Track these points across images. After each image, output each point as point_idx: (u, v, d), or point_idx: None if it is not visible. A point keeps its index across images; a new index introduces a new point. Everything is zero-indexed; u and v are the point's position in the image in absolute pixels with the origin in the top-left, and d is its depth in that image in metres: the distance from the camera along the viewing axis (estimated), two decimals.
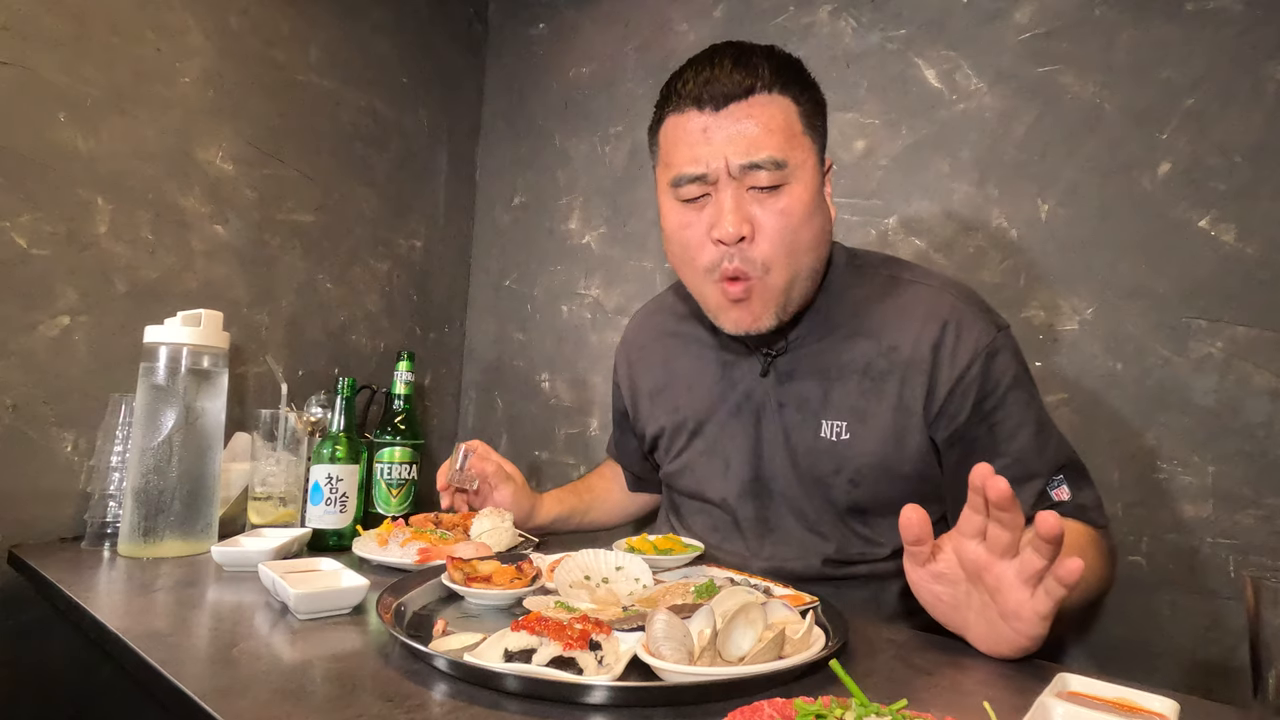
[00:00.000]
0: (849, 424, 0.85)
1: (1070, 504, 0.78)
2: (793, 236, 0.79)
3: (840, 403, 0.85)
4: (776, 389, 0.90)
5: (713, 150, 0.78)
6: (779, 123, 0.78)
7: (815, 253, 0.83)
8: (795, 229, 0.79)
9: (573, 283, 1.63)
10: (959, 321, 0.82)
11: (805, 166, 0.80)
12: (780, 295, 0.82)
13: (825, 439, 0.85)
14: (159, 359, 1.00)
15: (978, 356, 0.80)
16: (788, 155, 0.78)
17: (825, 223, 0.84)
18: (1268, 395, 0.88)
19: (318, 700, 0.53)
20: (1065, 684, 0.54)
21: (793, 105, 0.80)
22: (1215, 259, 0.92)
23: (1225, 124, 0.92)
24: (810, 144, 0.82)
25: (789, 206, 0.79)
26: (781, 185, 0.79)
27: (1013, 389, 0.81)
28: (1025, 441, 0.79)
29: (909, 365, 0.82)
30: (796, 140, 0.80)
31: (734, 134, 0.78)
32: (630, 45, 1.56)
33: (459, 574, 0.77)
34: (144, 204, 1.22)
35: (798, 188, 0.79)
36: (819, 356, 0.88)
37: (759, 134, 0.77)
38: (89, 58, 1.15)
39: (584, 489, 1.20)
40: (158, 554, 0.96)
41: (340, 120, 1.52)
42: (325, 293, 1.50)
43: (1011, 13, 1.09)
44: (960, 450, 0.81)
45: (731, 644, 0.58)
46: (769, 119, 0.78)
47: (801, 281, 0.83)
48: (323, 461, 1.06)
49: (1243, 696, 0.86)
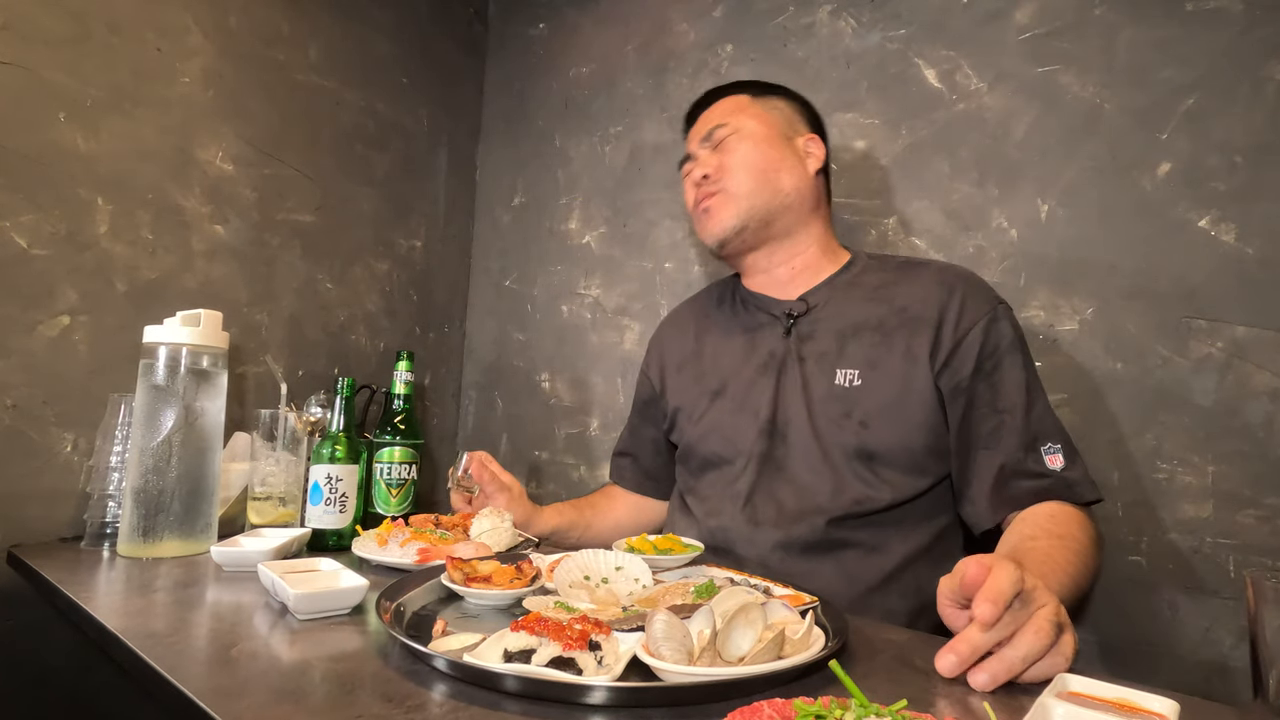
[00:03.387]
0: (861, 371, 0.93)
1: (1060, 474, 0.84)
2: (743, 158, 1.01)
3: (854, 354, 0.95)
4: (798, 346, 1.00)
5: (692, 140, 1.10)
6: (729, 106, 1.07)
7: (769, 173, 1.01)
8: (744, 154, 1.01)
9: (573, 283, 1.63)
10: (965, 290, 0.93)
11: (751, 124, 1.03)
12: (738, 199, 1.01)
13: (839, 385, 0.94)
14: (159, 359, 1.00)
15: (980, 319, 0.90)
16: (731, 119, 1.04)
17: (783, 156, 1.02)
18: (1268, 395, 0.88)
19: (317, 700, 0.53)
20: (1065, 684, 0.54)
21: (746, 97, 1.07)
22: (1215, 259, 0.92)
23: (1225, 124, 0.92)
24: (763, 114, 1.04)
25: (735, 143, 1.03)
26: (727, 138, 1.03)
27: (1010, 353, 0.89)
28: (1020, 400, 0.87)
29: (918, 320, 0.92)
30: (744, 111, 1.05)
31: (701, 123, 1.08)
32: (630, 45, 1.56)
33: (459, 574, 0.77)
34: (144, 204, 1.22)
35: (744, 132, 1.03)
36: (836, 317, 0.99)
37: (714, 115, 1.07)
38: (89, 58, 1.15)
39: (585, 505, 1.20)
40: (157, 554, 0.96)
41: (340, 120, 1.52)
42: (325, 293, 1.50)
43: (1011, 13, 1.09)
44: (963, 403, 0.89)
45: (731, 644, 0.58)
46: (723, 106, 1.07)
47: (760, 191, 1.00)
48: (322, 461, 1.06)
49: (1243, 696, 0.86)
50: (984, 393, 0.88)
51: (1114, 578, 0.95)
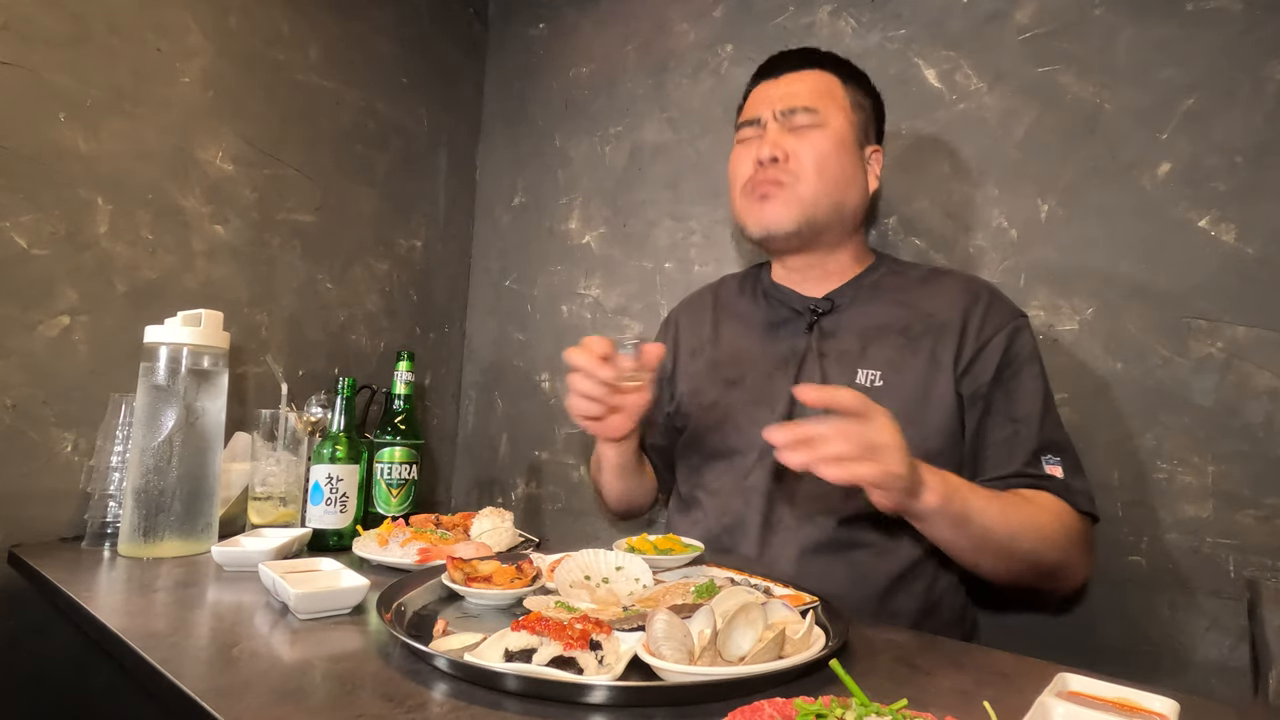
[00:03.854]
0: (883, 373, 0.92)
1: (1060, 481, 0.84)
2: (820, 160, 0.94)
3: (877, 355, 0.94)
4: (820, 343, 0.98)
5: (766, 103, 0.98)
6: (822, 88, 0.97)
7: (840, 186, 0.95)
8: (824, 155, 0.94)
9: (573, 283, 1.63)
10: (989, 300, 0.93)
11: (839, 120, 0.96)
12: (804, 204, 0.94)
13: (860, 385, 0.92)
14: (159, 359, 1.00)
15: (1003, 328, 0.90)
16: (821, 107, 0.95)
17: (855, 171, 0.97)
18: (1268, 395, 0.88)
19: (318, 700, 0.53)
20: (1065, 684, 0.54)
21: (838, 82, 0.98)
22: (1215, 259, 0.92)
23: (1225, 124, 0.92)
24: (849, 111, 0.97)
25: (818, 139, 0.95)
26: (815, 126, 0.95)
27: (1029, 364, 0.90)
28: (1033, 411, 0.87)
29: (943, 327, 0.92)
30: (835, 102, 0.97)
31: (784, 92, 0.97)
32: (630, 45, 1.56)
33: (459, 574, 0.77)
34: (144, 204, 1.22)
35: (829, 130, 0.95)
36: (860, 318, 0.98)
37: (802, 90, 0.97)
38: (89, 58, 1.15)
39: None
40: (158, 554, 0.96)
41: (340, 120, 1.52)
42: (325, 293, 1.50)
43: (1011, 13, 1.09)
44: (980, 410, 0.90)
45: (731, 644, 0.58)
46: (814, 83, 0.97)
47: (825, 203, 0.95)
48: (323, 461, 1.07)
49: (1243, 696, 0.86)
50: (1000, 400, 0.88)
51: (1114, 578, 0.95)
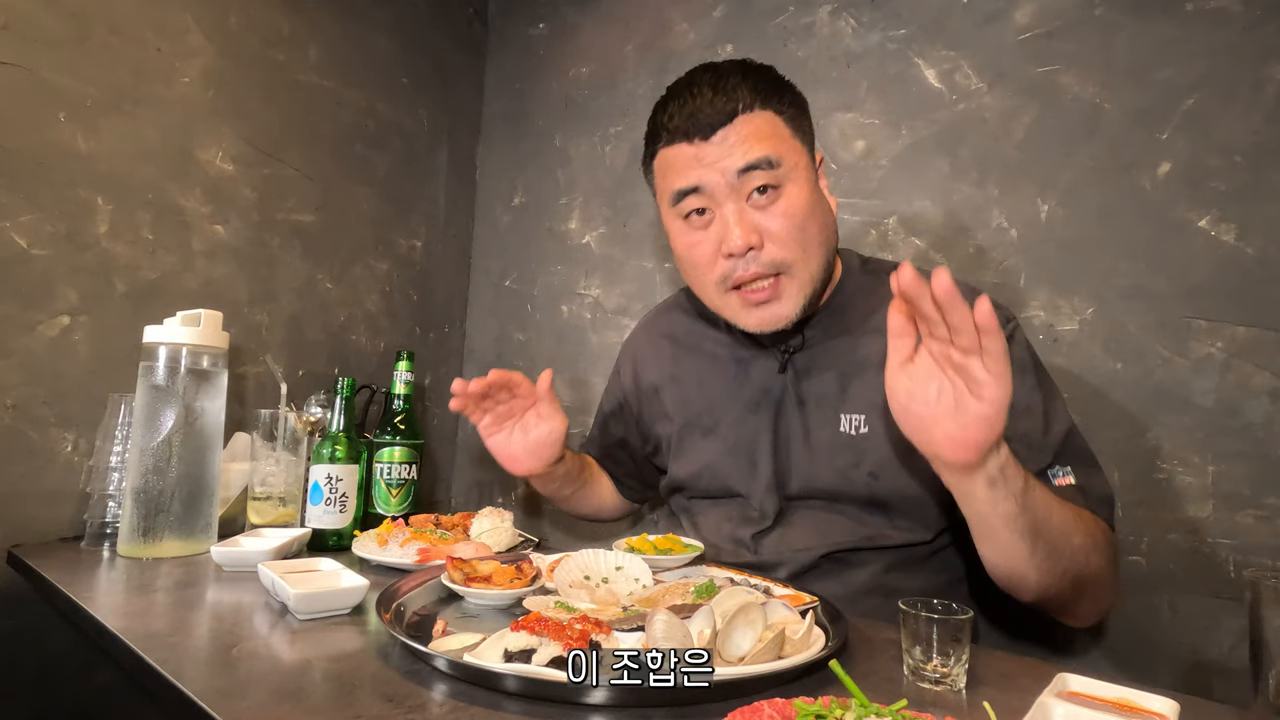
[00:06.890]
0: (867, 417, 0.86)
1: (1073, 489, 0.77)
2: (801, 234, 0.82)
3: (859, 396, 0.87)
4: (795, 385, 0.91)
5: (707, 169, 0.82)
6: (766, 132, 0.81)
7: (824, 245, 0.85)
8: (801, 226, 0.82)
9: (573, 283, 1.63)
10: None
11: (799, 167, 0.83)
12: (804, 288, 0.84)
13: (845, 433, 0.86)
14: (159, 359, 1.00)
15: None
16: (783, 156, 0.81)
17: (827, 216, 0.87)
18: (1268, 395, 0.88)
19: (318, 700, 0.53)
20: (1065, 684, 0.54)
21: (775, 116, 0.83)
22: (1215, 259, 0.92)
23: (1225, 124, 0.92)
24: (800, 145, 0.85)
25: (789, 207, 0.81)
26: (779, 186, 0.81)
27: (1019, 374, 0.80)
28: (1031, 425, 0.79)
29: None
30: (786, 144, 0.83)
31: (725, 151, 0.81)
32: (630, 45, 1.56)
33: (459, 574, 0.77)
34: (144, 204, 1.22)
35: (794, 188, 0.82)
36: (836, 353, 0.90)
37: (749, 144, 0.81)
38: (89, 58, 1.15)
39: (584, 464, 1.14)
40: (157, 554, 0.96)
41: (340, 120, 1.52)
42: (325, 293, 1.50)
43: (1011, 13, 1.09)
44: None
45: (731, 644, 0.58)
46: (755, 131, 0.81)
47: (818, 274, 0.85)
48: (322, 461, 1.07)
49: (1243, 696, 0.86)
50: None
51: None
